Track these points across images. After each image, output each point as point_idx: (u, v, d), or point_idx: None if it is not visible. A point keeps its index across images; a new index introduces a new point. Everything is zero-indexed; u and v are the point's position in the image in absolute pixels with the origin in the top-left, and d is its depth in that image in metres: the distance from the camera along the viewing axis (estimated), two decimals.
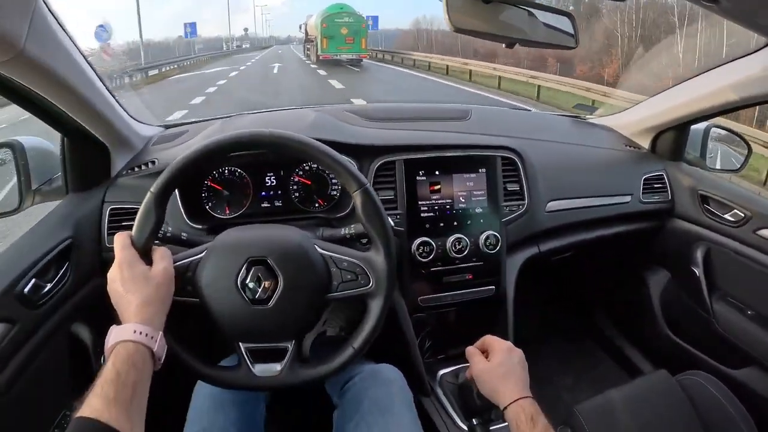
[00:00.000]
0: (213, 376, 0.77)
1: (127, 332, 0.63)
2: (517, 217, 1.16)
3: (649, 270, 1.50)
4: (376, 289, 0.75)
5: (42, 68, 0.78)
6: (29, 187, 1.05)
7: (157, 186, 0.73)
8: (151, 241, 0.73)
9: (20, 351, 0.84)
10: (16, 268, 0.86)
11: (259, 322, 0.73)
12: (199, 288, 0.74)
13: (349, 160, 0.77)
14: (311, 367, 0.77)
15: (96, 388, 0.58)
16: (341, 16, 20.69)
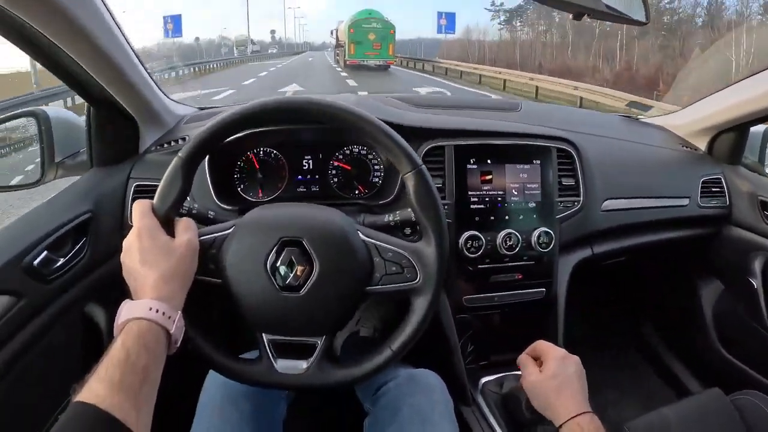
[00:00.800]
0: (228, 367, 0.70)
1: (141, 309, 0.57)
2: (571, 214, 1.09)
3: (701, 280, 1.42)
4: (424, 285, 0.68)
5: (83, 33, 0.75)
6: (52, 160, 1.02)
7: (187, 150, 0.67)
8: (174, 211, 0.67)
9: (25, 328, 0.79)
10: (26, 239, 0.82)
11: (288, 312, 0.67)
12: (222, 267, 0.67)
13: (402, 140, 0.70)
14: (342, 368, 0.70)
15: (100, 369, 0.51)
16: (369, 22, 21.20)
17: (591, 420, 0.67)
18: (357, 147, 1.05)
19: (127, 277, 0.63)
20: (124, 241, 0.64)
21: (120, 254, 0.98)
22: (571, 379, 0.72)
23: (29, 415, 0.86)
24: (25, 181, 1.05)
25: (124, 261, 0.63)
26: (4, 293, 0.76)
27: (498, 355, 1.12)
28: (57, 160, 1.03)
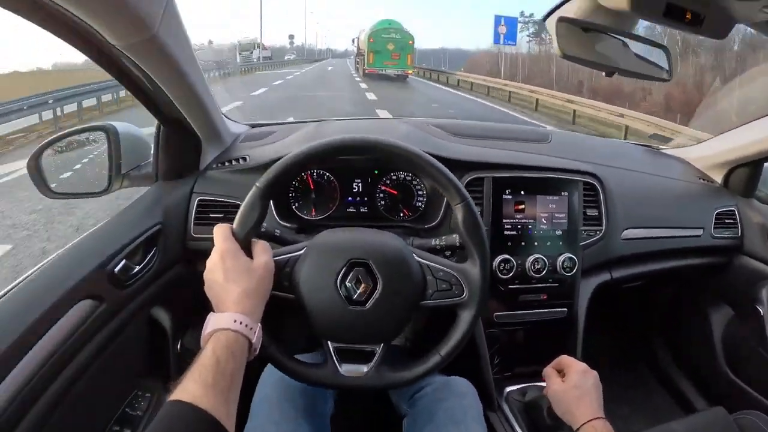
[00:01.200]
0: (299, 371, 0.80)
1: (227, 321, 0.65)
2: (593, 242, 1.20)
3: (712, 305, 1.51)
4: (469, 300, 0.79)
5: (166, 56, 0.85)
6: (119, 171, 1.13)
7: (264, 180, 0.77)
8: (252, 234, 0.77)
9: (104, 328, 0.89)
10: (109, 248, 0.92)
11: (354, 323, 0.77)
12: (296, 284, 0.77)
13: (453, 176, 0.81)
14: (396, 371, 0.80)
15: (193, 373, 0.59)
16: (388, 32, 21.50)
17: (604, 425, 0.78)
18: (402, 173, 1.17)
19: (209, 292, 0.72)
20: (208, 261, 0.73)
21: (182, 262, 1.10)
22: (589, 390, 0.84)
23: (100, 408, 0.96)
24: (93, 190, 1.16)
25: (207, 277, 0.72)
26: (89, 297, 0.86)
27: (522, 367, 1.24)
28: (123, 172, 1.13)
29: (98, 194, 1.15)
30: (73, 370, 0.81)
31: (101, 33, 0.73)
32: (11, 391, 0.68)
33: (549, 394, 0.87)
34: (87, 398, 0.87)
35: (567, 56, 0.84)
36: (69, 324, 0.81)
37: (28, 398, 0.71)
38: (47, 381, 0.75)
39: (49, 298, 0.78)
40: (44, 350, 0.75)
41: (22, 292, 0.79)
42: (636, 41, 0.94)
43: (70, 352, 0.80)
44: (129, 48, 0.78)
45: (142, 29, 0.74)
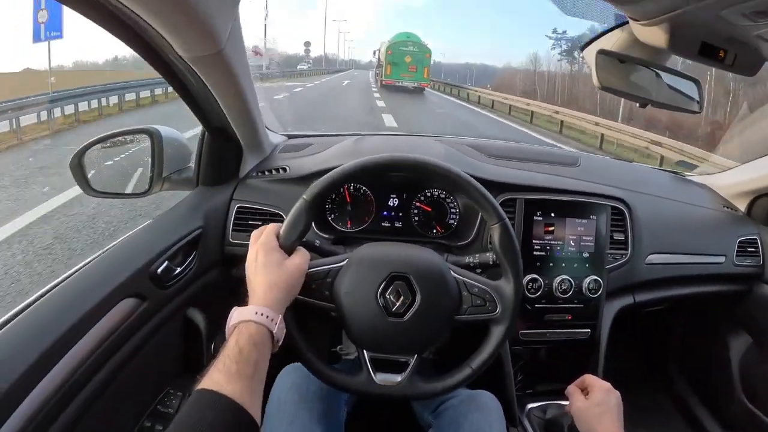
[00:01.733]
0: (335, 378, 0.83)
1: (249, 313, 0.68)
2: (619, 266, 1.24)
3: (731, 333, 1.54)
4: (502, 316, 0.82)
5: (228, 71, 0.91)
6: (161, 174, 1.17)
7: (311, 194, 0.81)
8: (296, 244, 0.80)
9: (144, 326, 0.94)
10: (153, 249, 0.98)
11: (392, 334, 0.80)
12: (337, 294, 0.81)
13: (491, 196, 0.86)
14: (428, 382, 0.84)
15: (218, 363, 0.62)
16: (406, 45, 21.78)
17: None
18: (437, 191, 1.22)
19: (248, 284, 0.75)
20: (248, 257, 0.77)
21: (219, 265, 1.15)
22: (611, 408, 0.87)
23: (135, 403, 1.01)
24: (134, 191, 1.21)
25: (246, 271, 0.76)
26: (133, 296, 0.91)
27: (543, 385, 1.28)
28: (164, 175, 1.18)
29: (138, 195, 1.20)
30: (114, 365, 0.86)
31: (171, 44, 0.79)
32: (57, 382, 0.72)
33: (572, 410, 0.91)
34: (124, 393, 0.91)
35: (604, 87, 0.89)
36: (113, 320, 0.85)
37: (73, 390, 0.75)
38: (91, 373, 0.80)
39: (97, 295, 0.83)
40: (90, 344, 0.79)
41: (70, 286, 0.84)
42: (668, 73, 0.99)
43: (112, 347, 0.85)
44: (194, 60, 0.84)
45: (211, 44, 0.80)
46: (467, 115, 15.56)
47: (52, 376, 0.71)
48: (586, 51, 0.98)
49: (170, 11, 0.69)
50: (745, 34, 0.76)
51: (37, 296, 0.81)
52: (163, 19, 0.71)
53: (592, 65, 0.89)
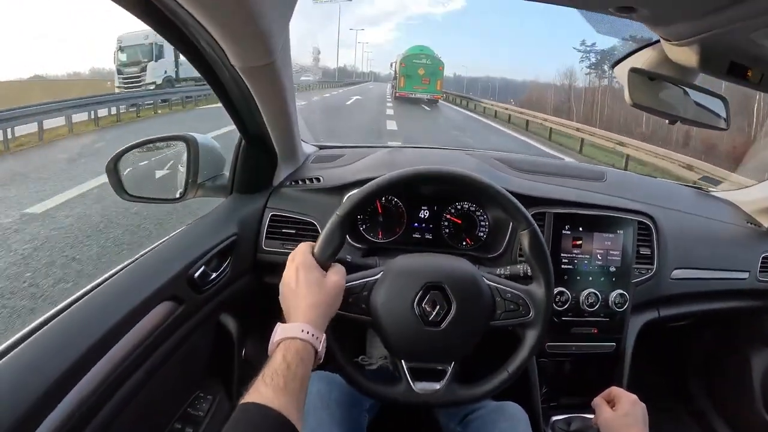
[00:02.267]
0: (374, 389, 0.85)
1: (295, 330, 0.70)
2: (644, 280, 1.26)
3: (754, 349, 1.56)
4: (535, 319, 0.86)
5: (276, 82, 0.95)
6: (195, 181, 1.21)
7: (344, 209, 0.84)
8: (332, 259, 0.83)
9: (179, 329, 0.97)
10: (191, 254, 1.01)
11: (429, 343, 0.82)
12: (374, 307, 0.83)
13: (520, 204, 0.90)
14: (467, 388, 0.86)
15: (265, 377, 0.64)
16: (420, 58, 22.35)
17: None
18: (467, 203, 1.26)
19: (283, 302, 0.78)
20: (285, 273, 0.79)
21: (251, 272, 1.18)
22: (638, 420, 0.89)
23: (166, 404, 1.04)
24: (167, 196, 1.25)
25: (282, 289, 0.78)
26: (171, 299, 0.94)
27: (567, 398, 1.30)
28: (199, 181, 1.22)
29: (173, 201, 1.25)
30: (150, 367, 0.88)
31: (227, 53, 0.82)
32: (96, 382, 0.74)
33: (599, 422, 0.92)
34: (157, 394, 0.94)
35: (636, 105, 0.93)
36: (152, 322, 0.88)
37: (110, 389, 0.78)
38: (128, 374, 0.83)
39: (137, 297, 0.85)
40: (129, 345, 0.82)
41: (110, 288, 0.87)
42: (696, 91, 1.02)
43: (149, 348, 0.88)
44: (245, 70, 0.89)
45: (265, 55, 0.84)
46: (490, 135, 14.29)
47: (91, 375, 0.74)
48: (617, 69, 1.01)
49: (230, 20, 0.72)
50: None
51: (79, 295, 0.84)
52: (223, 28, 0.75)
53: (625, 84, 0.93)
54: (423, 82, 21.78)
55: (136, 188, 1.21)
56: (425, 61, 22.05)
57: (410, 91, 21.70)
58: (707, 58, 0.83)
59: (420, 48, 23.04)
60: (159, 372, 0.91)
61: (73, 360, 0.70)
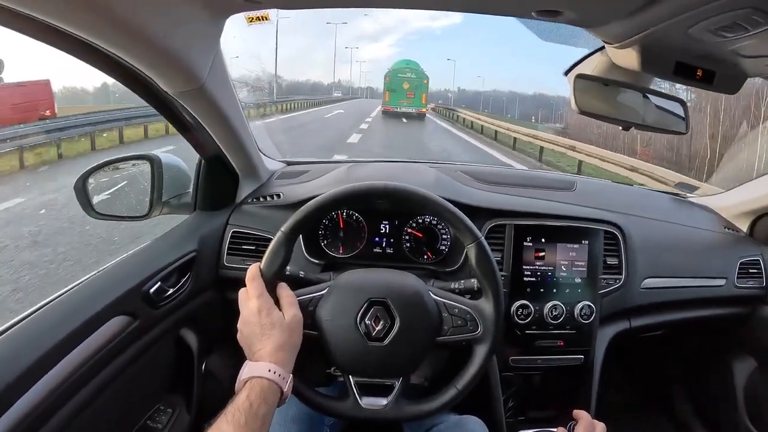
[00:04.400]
0: (322, 404, 0.86)
1: (262, 370, 0.72)
2: (612, 290, 1.22)
3: (735, 356, 1.50)
4: (484, 335, 0.84)
5: (212, 103, 0.96)
6: (160, 198, 1.23)
7: (288, 227, 0.84)
8: (278, 275, 0.83)
9: (135, 343, 0.98)
10: (146, 270, 1.01)
11: (374, 358, 0.82)
12: (319, 322, 0.83)
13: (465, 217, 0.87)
14: (414, 404, 0.85)
15: (227, 415, 0.66)
16: (404, 72, 22.46)
17: None
18: (428, 217, 1.23)
19: (243, 340, 0.78)
20: (245, 314, 0.79)
21: (213, 288, 1.17)
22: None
23: (124, 416, 1.02)
24: (134, 214, 1.26)
25: (242, 329, 0.79)
26: (125, 314, 0.94)
27: (535, 412, 1.25)
28: (164, 199, 1.23)
29: (138, 218, 1.25)
30: (103, 379, 0.89)
31: (155, 81, 0.84)
32: (42, 394, 0.75)
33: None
34: (113, 406, 0.94)
35: (583, 112, 0.91)
36: (104, 336, 0.89)
37: (58, 401, 0.78)
38: (79, 385, 0.83)
39: (88, 311, 0.86)
40: (79, 357, 0.83)
41: (62, 304, 0.88)
42: (654, 95, 1.00)
43: (103, 361, 0.88)
44: (179, 95, 0.90)
45: (191, 80, 0.86)
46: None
47: (39, 386, 0.74)
48: (569, 76, 0.99)
49: (147, 52, 0.74)
50: (718, 50, 0.76)
51: (32, 310, 0.85)
52: (142, 60, 0.77)
53: (571, 89, 0.91)
54: (408, 96, 21.85)
55: (103, 206, 1.22)
56: (410, 75, 22.15)
57: (395, 106, 21.80)
58: (651, 59, 0.80)
59: (406, 62, 23.11)
60: (115, 384, 0.92)
61: (19, 372, 0.71)
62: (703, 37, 0.71)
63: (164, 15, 0.69)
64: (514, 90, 38.09)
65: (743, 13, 0.61)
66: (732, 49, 0.75)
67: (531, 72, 73.20)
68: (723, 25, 0.65)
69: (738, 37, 0.68)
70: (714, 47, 0.75)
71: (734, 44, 0.72)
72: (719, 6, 0.61)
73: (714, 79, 0.85)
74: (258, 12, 0.88)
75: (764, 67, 0.84)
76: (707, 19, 0.65)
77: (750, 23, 0.63)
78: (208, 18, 0.79)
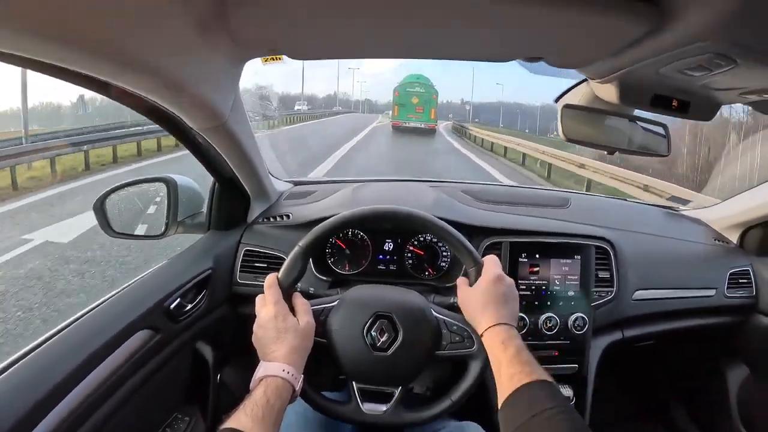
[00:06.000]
0: (326, 406, 0.92)
1: (276, 369, 0.78)
2: (605, 302, 1.28)
3: (728, 365, 1.54)
4: (478, 352, 0.88)
5: (232, 138, 1.05)
6: (175, 219, 1.29)
7: (306, 242, 0.92)
8: (294, 286, 0.91)
9: (157, 356, 1.04)
10: (168, 287, 1.09)
11: (376, 367, 0.88)
12: (329, 331, 0.90)
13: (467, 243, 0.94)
14: (412, 411, 0.91)
15: (246, 408, 0.71)
16: (413, 86, 22.18)
17: (506, 330, 0.82)
18: (429, 236, 1.31)
19: (257, 342, 0.85)
20: (261, 317, 0.85)
21: (227, 304, 1.24)
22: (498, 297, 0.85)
23: (145, 425, 1.09)
24: (151, 233, 1.34)
25: (257, 332, 0.85)
26: (149, 328, 1.02)
27: None
28: (179, 219, 1.30)
29: (155, 237, 1.32)
30: (128, 390, 0.95)
31: (183, 119, 0.92)
32: (71, 407, 0.80)
33: (458, 301, 0.92)
34: (134, 416, 1.00)
35: (569, 139, 0.98)
36: (130, 349, 0.96)
37: (88, 412, 0.84)
38: (106, 396, 0.89)
39: (116, 326, 0.93)
40: (107, 371, 0.89)
41: (91, 319, 0.94)
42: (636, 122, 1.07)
43: (127, 373, 0.94)
44: (204, 131, 0.98)
45: (215, 118, 0.94)
46: None
47: (69, 399, 0.80)
48: (558, 104, 1.07)
49: (174, 95, 0.81)
50: (690, 85, 0.83)
51: (62, 327, 0.91)
52: (170, 101, 0.84)
53: (558, 118, 0.99)
54: (417, 111, 21.63)
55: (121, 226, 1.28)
56: (419, 90, 21.98)
57: (404, 120, 21.53)
58: (630, 92, 0.87)
59: (416, 77, 22.90)
60: (138, 395, 0.98)
61: (51, 387, 0.76)
62: (673, 75, 0.79)
63: (189, 62, 0.76)
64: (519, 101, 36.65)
65: (705, 58, 0.69)
66: (702, 84, 0.82)
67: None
68: (689, 66, 0.73)
69: (704, 75, 0.76)
70: (685, 83, 0.83)
71: (702, 80, 0.80)
72: (683, 52, 0.68)
73: (689, 108, 0.92)
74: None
75: (736, 97, 0.92)
76: (675, 62, 0.72)
77: (712, 65, 0.71)
78: (229, 64, 0.87)
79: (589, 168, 9.35)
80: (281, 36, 0.79)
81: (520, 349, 0.79)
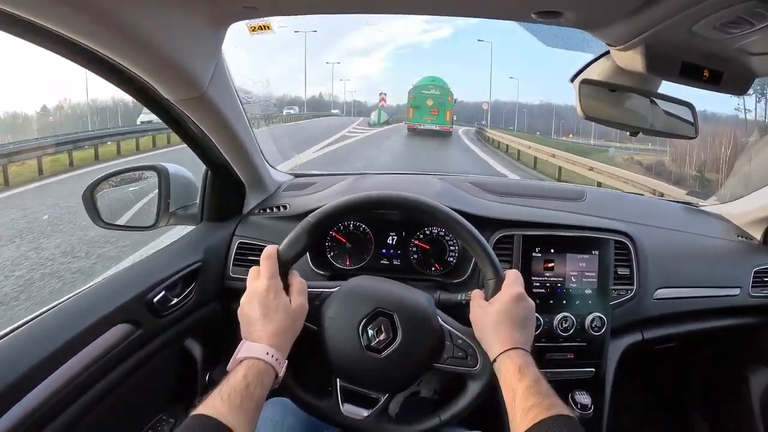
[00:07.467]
0: (302, 398, 0.83)
1: (260, 352, 0.70)
2: (624, 301, 1.19)
3: (751, 368, 1.44)
4: (481, 373, 0.79)
5: (215, 111, 0.97)
6: (167, 209, 1.24)
7: (316, 216, 0.83)
8: (294, 261, 0.81)
9: (138, 352, 0.97)
10: (150, 279, 1.02)
11: (366, 368, 0.79)
12: (321, 318, 0.81)
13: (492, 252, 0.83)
14: (395, 423, 0.82)
15: (222, 392, 0.64)
16: (428, 88, 21.87)
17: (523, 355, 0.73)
18: (436, 229, 1.22)
19: (242, 317, 0.76)
20: (252, 291, 0.77)
21: (219, 299, 1.17)
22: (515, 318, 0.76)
23: (126, 425, 1.03)
24: (141, 224, 1.28)
25: (244, 306, 0.77)
26: (128, 322, 0.95)
27: None
28: (171, 210, 1.24)
29: (145, 229, 1.27)
30: (105, 386, 0.88)
31: (156, 88, 0.85)
32: (42, 398, 0.75)
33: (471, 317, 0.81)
34: (114, 415, 0.94)
35: (588, 117, 0.90)
36: (106, 343, 0.89)
37: (58, 406, 0.78)
38: (79, 392, 0.82)
39: (91, 317, 0.86)
40: (81, 363, 0.83)
41: (66, 309, 0.88)
42: (661, 99, 0.99)
43: (104, 368, 0.88)
44: (181, 103, 0.91)
45: (192, 88, 0.87)
46: None
47: (38, 390, 0.74)
48: (575, 82, 0.99)
49: (146, 59, 0.75)
50: (725, 49, 0.75)
51: (36, 315, 0.86)
52: (142, 66, 0.78)
53: (576, 95, 0.90)
54: (432, 113, 21.18)
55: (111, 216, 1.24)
56: (434, 92, 21.54)
57: (419, 123, 21.16)
58: (656, 60, 0.79)
59: (431, 79, 22.47)
60: (116, 393, 0.92)
61: (20, 374, 0.71)
62: (707, 35, 0.70)
63: (164, 23, 0.70)
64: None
65: (747, 7, 0.60)
66: (738, 46, 0.74)
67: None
68: (727, 20, 0.64)
69: (743, 32, 0.67)
70: (720, 45, 0.74)
71: (740, 41, 0.71)
72: (722, 1, 0.60)
73: (721, 79, 0.83)
74: (259, 21, 0.89)
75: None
76: (710, 15, 0.64)
77: (754, 17, 0.62)
78: (209, 26, 0.80)
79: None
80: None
81: (537, 379, 0.71)
